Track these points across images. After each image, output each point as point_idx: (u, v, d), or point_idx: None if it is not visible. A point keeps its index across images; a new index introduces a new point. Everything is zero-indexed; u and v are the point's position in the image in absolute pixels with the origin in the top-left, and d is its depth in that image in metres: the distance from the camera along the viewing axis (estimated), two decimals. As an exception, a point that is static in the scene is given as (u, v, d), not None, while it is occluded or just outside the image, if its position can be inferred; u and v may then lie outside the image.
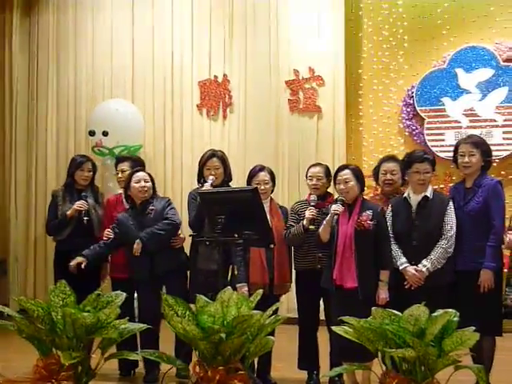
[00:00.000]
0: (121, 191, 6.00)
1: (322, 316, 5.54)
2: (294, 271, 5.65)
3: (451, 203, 5.05)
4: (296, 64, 8.75)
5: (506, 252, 5.17)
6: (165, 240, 5.60)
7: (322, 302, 5.52)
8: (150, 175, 5.74)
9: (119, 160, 6.33)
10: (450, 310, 3.65)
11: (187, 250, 5.89)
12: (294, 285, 5.69)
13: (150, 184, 5.66)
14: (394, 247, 5.01)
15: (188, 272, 5.83)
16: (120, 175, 6.09)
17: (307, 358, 5.53)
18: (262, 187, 5.39)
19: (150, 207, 5.64)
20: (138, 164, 6.12)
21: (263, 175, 5.52)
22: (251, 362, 5.25)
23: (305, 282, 5.51)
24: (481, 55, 8.53)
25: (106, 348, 4.12)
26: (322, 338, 5.48)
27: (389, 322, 3.60)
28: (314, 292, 5.39)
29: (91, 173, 6.22)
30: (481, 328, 4.86)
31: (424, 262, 4.92)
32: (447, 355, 3.51)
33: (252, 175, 5.54)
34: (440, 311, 3.63)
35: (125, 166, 6.10)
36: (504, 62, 8.46)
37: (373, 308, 3.74)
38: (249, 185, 5.48)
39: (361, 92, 8.96)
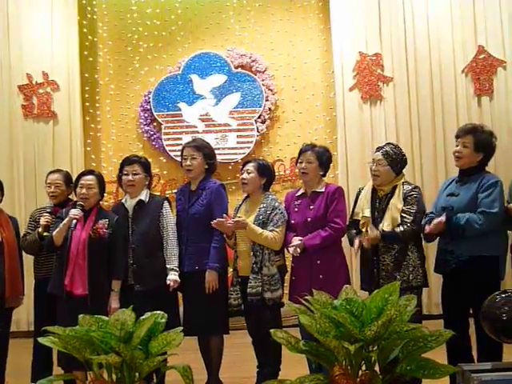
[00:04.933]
0: None
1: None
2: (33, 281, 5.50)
3: (166, 203, 5.13)
4: (29, 68, 8.44)
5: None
6: None
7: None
8: None
9: None
10: (158, 311, 3.67)
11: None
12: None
13: None
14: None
15: None
16: None
17: (40, 369, 5.29)
18: None
19: None
20: None
21: None
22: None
23: (44, 290, 5.28)
24: (214, 61, 8.79)
25: None
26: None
27: (96, 329, 3.54)
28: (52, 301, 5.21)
29: None
30: (209, 327, 5.05)
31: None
32: (154, 357, 3.52)
33: None
34: (148, 314, 3.64)
35: None
36: (236, 68, 8.78)
37: (80, 315, 3.67)
38: None
39: (98, 97, 8.87)
